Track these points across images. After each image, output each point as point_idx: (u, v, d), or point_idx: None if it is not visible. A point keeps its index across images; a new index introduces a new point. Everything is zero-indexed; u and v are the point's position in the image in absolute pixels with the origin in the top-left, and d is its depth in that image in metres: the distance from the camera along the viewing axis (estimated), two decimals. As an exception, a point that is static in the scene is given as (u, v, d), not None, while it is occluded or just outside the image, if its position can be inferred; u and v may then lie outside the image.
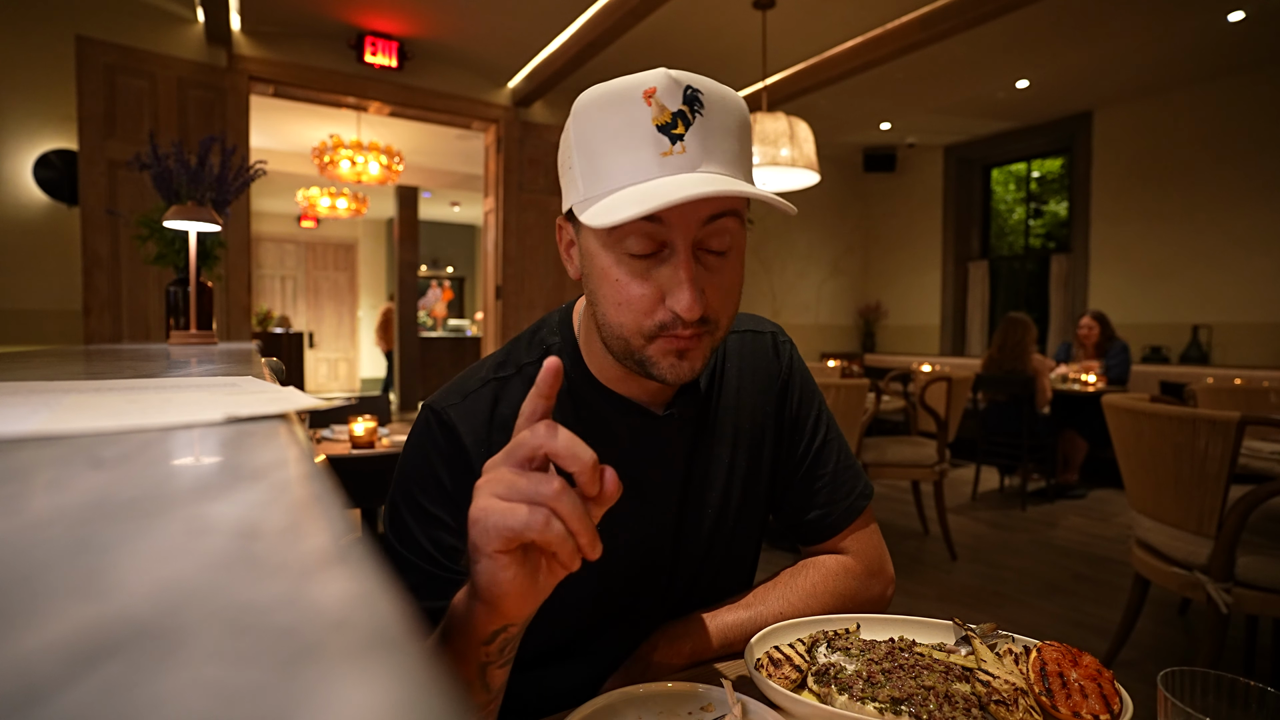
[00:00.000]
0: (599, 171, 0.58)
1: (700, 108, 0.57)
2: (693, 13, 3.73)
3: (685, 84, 0.56)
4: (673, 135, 0.56)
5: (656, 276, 0.59)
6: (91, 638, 0.11)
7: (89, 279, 3.34)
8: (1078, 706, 0.51)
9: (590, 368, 0.71)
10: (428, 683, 0.11)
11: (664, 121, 0.56)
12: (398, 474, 0.69)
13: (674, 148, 0.56)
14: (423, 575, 0.65)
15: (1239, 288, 4.72)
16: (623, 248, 0.59)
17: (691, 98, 0.56)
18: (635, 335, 0.61)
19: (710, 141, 0.57)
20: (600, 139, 0.58)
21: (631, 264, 0.59)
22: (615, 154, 0.57)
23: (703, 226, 0.58)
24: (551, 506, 0.43)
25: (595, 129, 0.58)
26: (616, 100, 0.57)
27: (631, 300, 0.60)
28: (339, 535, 0.17)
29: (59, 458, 0.26)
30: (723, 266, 0.61)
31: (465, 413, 0.68)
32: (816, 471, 0.79)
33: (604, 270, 0.60)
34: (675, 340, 0.60)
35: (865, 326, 7.26)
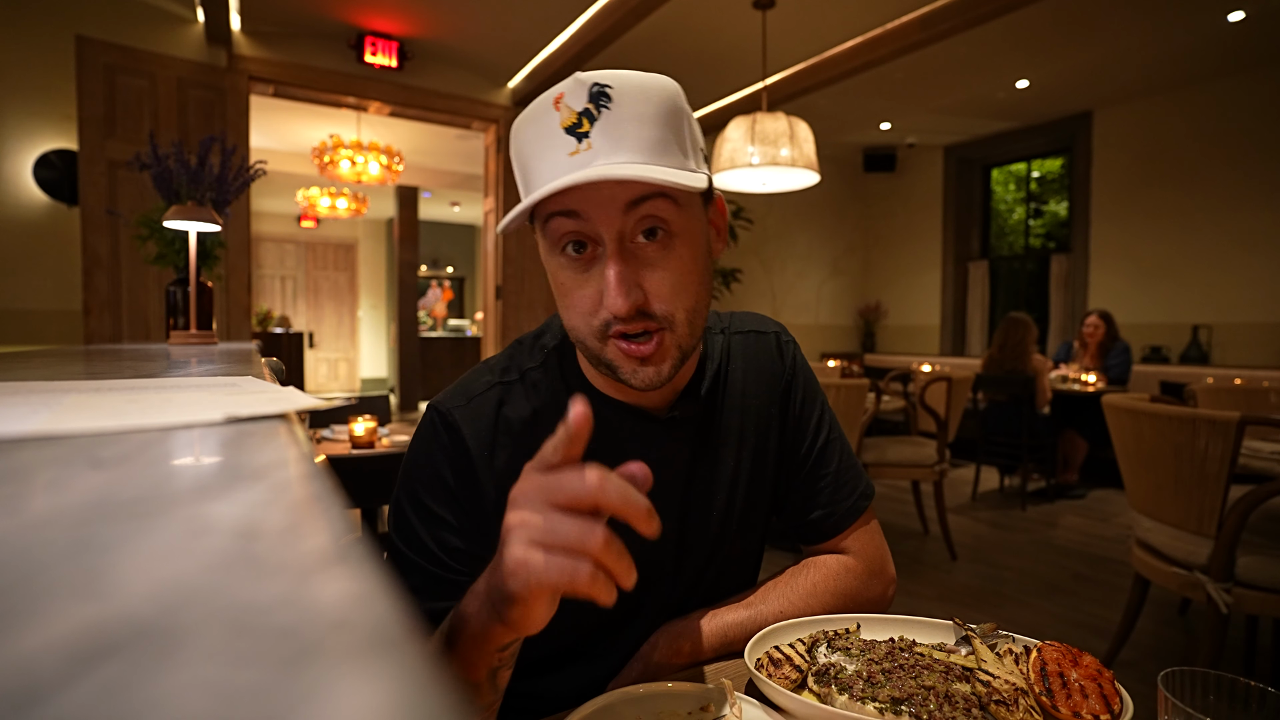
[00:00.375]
0: (530, 182, 0.60)
1: (607, 101, 0.56)
2: (693, 13, 3.73)
3: (591, 82, 0.57)
4: (579, 134, 0.56)
5: (592, 276, 0.60)
6: (91, 638, 0.11)
7: (89, 279, 3.34)
8: (1078, 706, 0.51)
9: (585, 372, 0.71)
10: (428, 683, 0.11)
11: (570, 123, 0.57)
12: (402, 474, 0.69)
13: (580, 145, 0.56)
14: (426, 576, 0.65)
15: (1239, 288, 4.72)
16: (561, 252, 0.60)
17: (597, 94, 0.56)
18: (590, 337, 0.62)
19: (618, 132, 0.56)
20: (525, 152, 0.60)
21: (572, 266, 0.60)
22: (536, 163, 0.58)
23: (625, 215, 0.57)
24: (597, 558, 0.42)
25: (521, 143, 0.60)
26: (534, 111, 0.59)
27: (575, 303, 0.61)
28: (339, 535, 0.17)
29: (59, 458, 0.26)
30: (663, 256, 0.59)
31: (469, 415, 0.68)
32: (819, 471, 0.79)
33: (552, 275, 0.63)
34: (627, 344, 0.60)
35: (865, 326, 7.26)
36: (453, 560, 0.65)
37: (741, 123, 3.35)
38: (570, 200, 0.58)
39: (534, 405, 0.70)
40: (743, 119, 3.36)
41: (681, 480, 0.72)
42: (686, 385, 0.72)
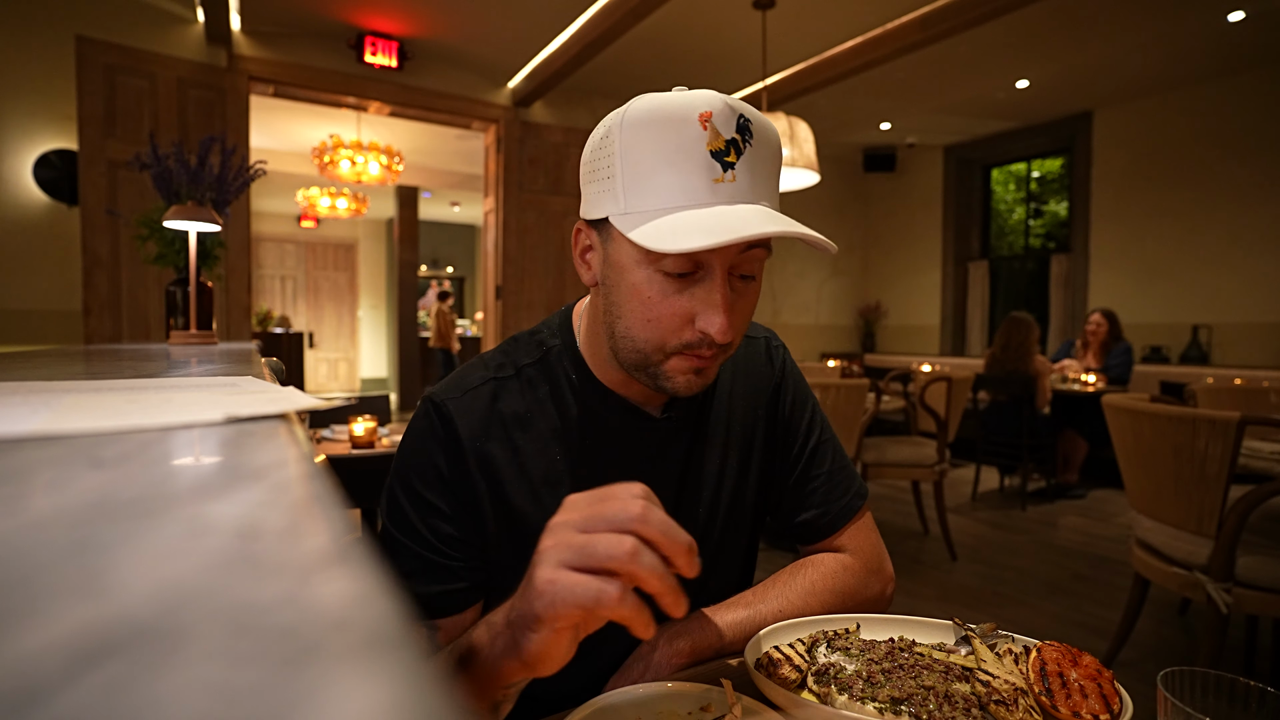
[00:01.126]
0: (645, 188, 0.57)
1: (750, 137, 0.57)
2: (693, 13, 3.73)
3: (739, 112, 0.57)
4: (725, 162, 0.56)
5: (689, 296, 0.60)
6: (91, 638, 0.11)
7: (89, 279, 3.34)
8: (1078, 706, 0.51)
9: (593, 369, 0.72)
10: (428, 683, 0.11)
11: (718, 148, 0.56)
12: (396, 462, 0.70)
13: (725, 175, 0.56)
14: (420, 561, 0.66)
15: (1239, 288, 4.72)
16: (659, 265, 0.59)
17: (743, 126, 0.57)
18: (657, 351, 0.62)
19: (757, 172, 0.58)
20: (649, 155, 0.57)
21: (665, 282, 0.59)
22: (665, 172, 0.57)
23: (740, 254, 0.60)
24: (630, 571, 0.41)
25: (645, 143, 0.57)
26: (671, 119, 0.57)
27: (662, 318, 0.60)
28: (339, 535, 0.17)
29: (59, 458, 0.26)
30: (748, 290, 0.62)
31: (464, 408, 0.69)
32: (811, 472, 0.80)
33: (635, 286, 0.61)
34: (695, 359, 0.62)
35: (865, 326, 7.26)
36: (445, 546, 0.67)
37: (741, 123, 3.34)
38: None
39: (528, 400, 0.71)
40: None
41: (674, 477, 0.74)
42: None
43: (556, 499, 0.69)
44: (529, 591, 0.44)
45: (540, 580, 0.43)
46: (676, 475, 0.74)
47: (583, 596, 0.41)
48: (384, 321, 10.06)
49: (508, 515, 0.68)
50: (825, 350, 6.94)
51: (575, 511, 0.44)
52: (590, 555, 0.42)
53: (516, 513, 0.68)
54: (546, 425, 0.71)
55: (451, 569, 0.67)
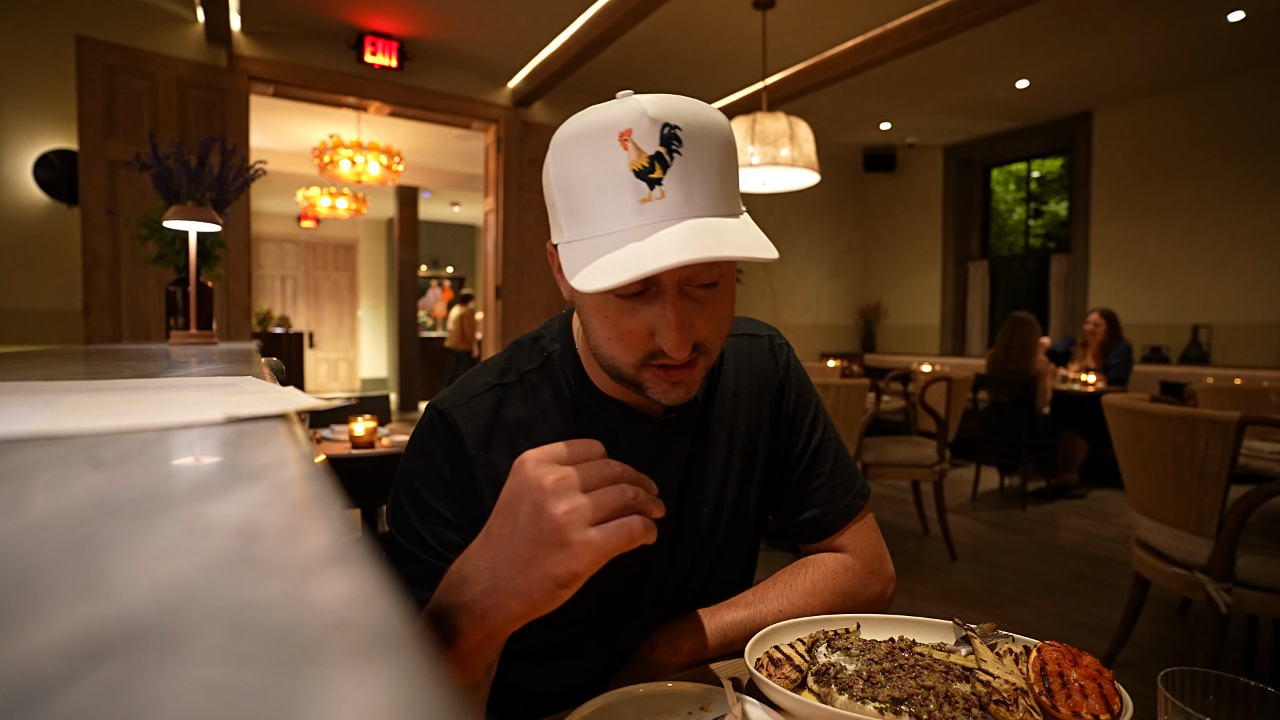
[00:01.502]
0: (577, 213, 0.57)
1: (679, 146, 0.54)
2: (693, 13, 3.73)
3: (662, 122, 0.54)
4: (650, 180, 0.54)
5: (645, 314, 0.59)
6: (91, 638, 0.11)
7: (89, 279, 3.34)
8: (1078, 706, 0.51)
9: (590, 375, 0.72)
10: (427, 683, 0.11)
11: (641, 166, 0.53)
12: (401, 470, 0.71)
13: (652, 194, 0.54)
14: (424, 568, 0.66)
15: (1239, 288, 4.72)
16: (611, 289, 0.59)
17: (669, 137, 0.54)
18: (627, 365, 0.62)
19: (691, 182, 0.54)
20: (577, 180, 0.56)
21: (619, 303, 0.59)
22: (593, 196, 0.55)
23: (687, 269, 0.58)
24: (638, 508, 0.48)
25: (572, 169, 0.56)
26: (592, 140, 0.55)
27: (622, 335, 0.60)
28: (339, 535, 0.17)
29: (59, 458, 0.26)
30: (712, 297, 0.60)
31: (468, 415, 0.69)
32: (813, 471, 0.80)
33: (596, 305, 0.61)
34: (666, 371, 0.62)
35: (865, 326, 7.26)
36: (450, 553, 0.66)
37: (741, 123, 3.35)
38: None
39: (531, 407, 0.71)
40: (743, 119, 3.36)
41: (677, 478, 0.73)
42: None
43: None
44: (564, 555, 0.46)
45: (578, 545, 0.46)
46: (679, 476, 0.73)
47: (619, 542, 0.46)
48: (384, 321, 10.06)
49: None
50: (825, 350, 6.94)
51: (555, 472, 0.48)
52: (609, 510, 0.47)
53: None
54: (550, 431, 0.71)
55: None
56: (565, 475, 0.48)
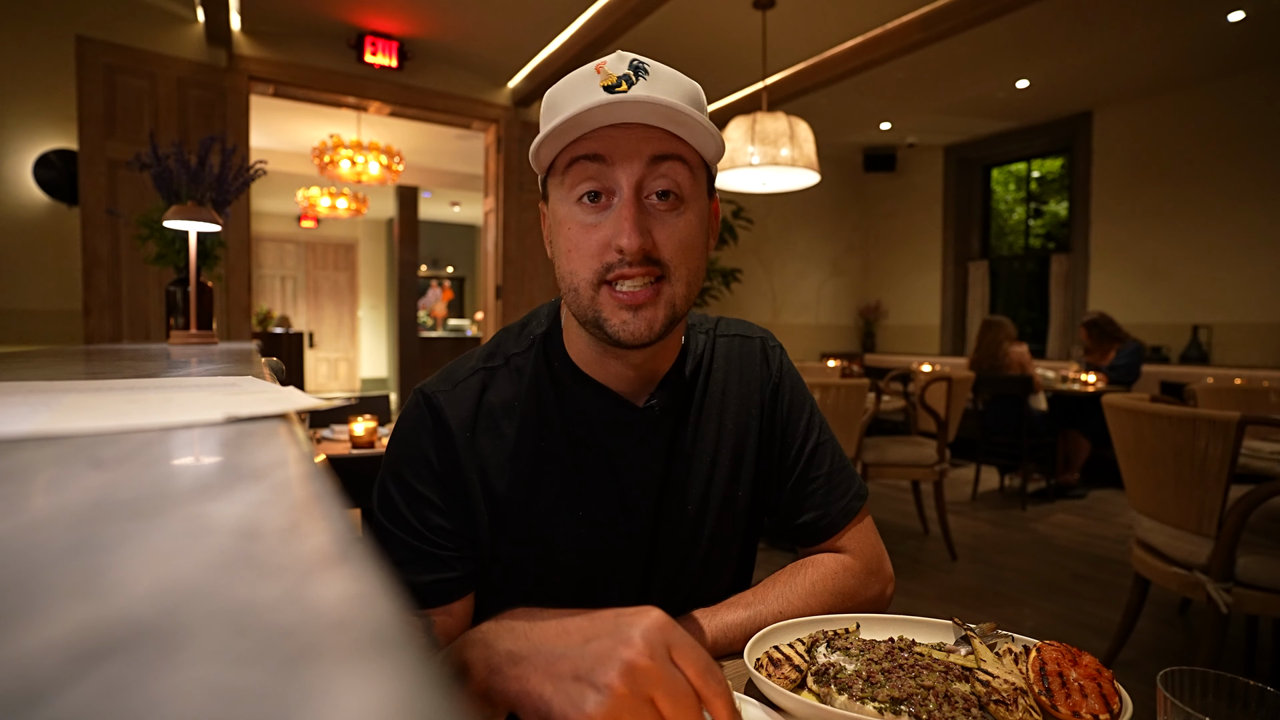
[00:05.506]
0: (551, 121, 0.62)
1: (645, 73, 0.62)
2: (693, 13, 3.73)
3: (631, 57, 0.62)
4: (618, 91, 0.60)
5: (604, 224, 0.63)
6: (91, 638, 0.11)
7: (89, 279, 3.34)
8: (1077, 706, 0.51)
9: (572, 356, 0.73)
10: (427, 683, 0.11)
11: (610, 83, 0.61)
12: (388, 455, 0.71)
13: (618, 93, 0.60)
14: (410, 551, 0.67)
15: (1239, 288, 4.72)
16: (575, 197, 0.64)
17: (637, 66, 0.62)
18: (586, 286, 0.64)
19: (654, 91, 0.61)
20: (559, 103, 0.63)
21: (584, 213, 0.63)
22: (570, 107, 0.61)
23: (646, 168, 0.62)
24: None
25: (555, 98, 0.64)
26: (573, 76, 0.63)
27: (581, 245, 0.63)
28: (339, 535, 0.17)
29: (59, 458, 0.26)
30: (673, 216, 0.64)
31: (453, 399, 0.70)
32: (810, 474, 0.80)
33: (561, 221, 0.65)
34: (624, 295, 0.63)
35: (865, 326, 7.26)
36: (436, 536, 0.68)
37: (741, 123, 3.35)
38: (598, 143, 0.61)
39: (517, 388, 0.72)
40: (743, 119, 3.35)
41: (658, 468, 0.74)
42: (664, 376, 0.74)
43: (543, 485, 0.70)
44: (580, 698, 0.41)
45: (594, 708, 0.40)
46: (661, 464, 0.74)
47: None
48: (384, 321, 10.05)
49: (495, 503, 0.69)
50: (825, 350, 6.93)
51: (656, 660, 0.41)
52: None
53: (504, 499, 0.69)
54: (533, 412, 0.71)
55: (443, 558, 0.68)
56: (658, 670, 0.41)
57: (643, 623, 0.43)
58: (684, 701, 0.41)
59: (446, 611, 0.68)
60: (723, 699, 0.42)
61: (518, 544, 0.70)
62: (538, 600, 0.51)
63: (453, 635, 0.68)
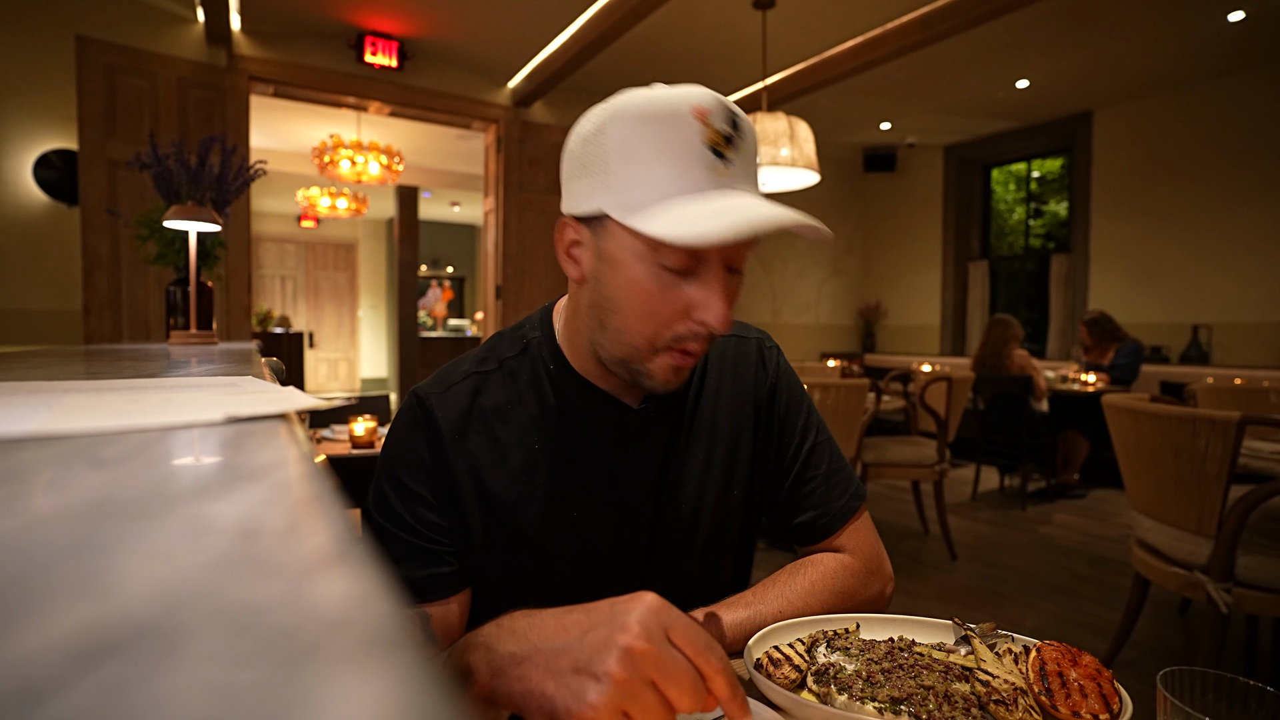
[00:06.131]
0: (643, 178, 0.58)
1: (739, 131, 0.60)
2: (693, 13, 3.73)
3: (728, 107, 0.60)
4: (722, 155, 0.59)
5: (686, 290, 0.61)
6: (91, 638, 0.11)
7: (89, 279, 3.34)
8: (1077, 706, 0.51)
9: (570, 359, 0.73)
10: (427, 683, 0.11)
11: (714, 142, 0.58)
12: (382, 456, 0.72)
13: (723, 166, 0.59)
14: (405, 547, 0.68)
15: (1239, 288, 4.72)
16: (658, 260, 0.60)
17: (734, 122, 0.60)
18: (647, 345, 0.63)
19: (746, 164, 0.61)
20: (647, 147, 0.58)
21: (665, 276, 0.61)
22: (664, 164, 0.58)
23: (737, 248, 0.62)
24: None
25: (642, 136, 0.58)
26: (666, 113, 0.58)
27: (660, 311, 0.62)
28: (339, 535, 0.17)
29: (59, 458, 0.26)
30: (735, 284, 0.65)
31: (445, 402, 0.71)
32: (807, 474, 0.81)
33: (634, 280, 0.61)
34: (681, 355, 0.64)
35: (865, 326, 7.26)
36: (430, 532, 0.68)
37: (741, 123, 3.34)
38: None
39: (509, 391, 0.73)
40: (743, 119, 3.35)
41: (655, 469, 0.74)
42: None
43: (535, 487, 0.70)
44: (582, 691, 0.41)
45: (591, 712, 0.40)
46: (657, 467, 0.74)
47: None
48: (384, 321, 10.05)
49: (489, 505, 0.69)
50: (825, 350, 6.93)
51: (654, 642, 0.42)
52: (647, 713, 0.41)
53: (497, 502, 0.69)
54: (526, 415, 0.72)
55: (438, 554, 0.68)
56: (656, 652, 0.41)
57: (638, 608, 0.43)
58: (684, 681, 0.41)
59: (443, 605, 0.68)
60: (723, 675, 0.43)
61: (513, 547, 0.70)
62: (535, 602, 0.52)
63: (450, 629, 0.68)
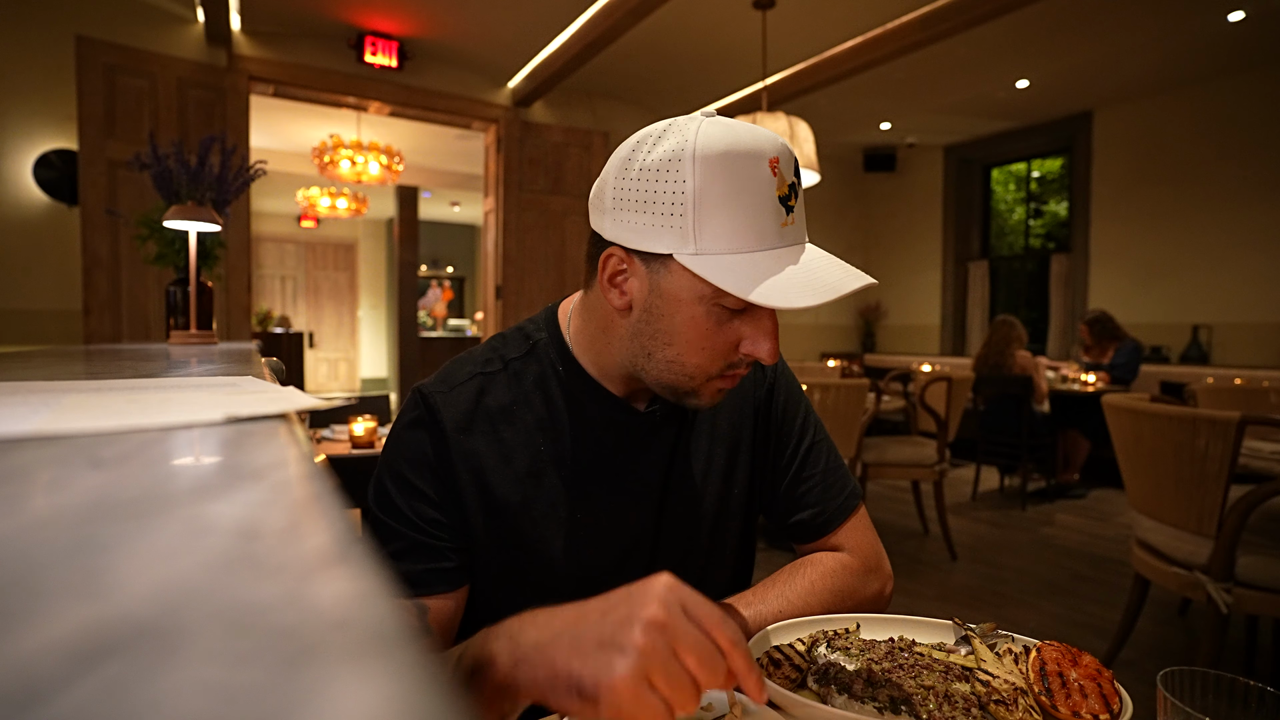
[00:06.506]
0: (719, 228, 0.60)
1: (799, 180, 0.64)
2: (693, 13, 3.73)
3: (793, 155, 0.63)
4: (788, 206, 0.62)
5: (738, 325, 0.65)
6: (91, 638, 0.11)
7: (89, 279, 3.34)
8: (1077, 706, 0.51)
9: (580, 361, 0.73)
10: (428, 683, 0.11)
11: (783, 194, 0.61)
12: (385, 450, 0.72)
13: (789, 219, 0.62)
14: (406, 542, 0.68)
15: (1239, 288, 4.72)
16: (718, 300, 0.63)
17: (797, 170, 0.63)
18: (701, 375, 0.66)
19: (800, 210, 0.64)
20: (727, 196, 0.60)
21: (722, 315, 0.64)
22: (740, 215, 0.60)
23: None
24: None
25: (721, 182, 0.59)
26: (745, 158, 0.60)
27: (715, 346, 0.65)
28: (339, 535, 0.17)
29: (59, 458, 0.26)
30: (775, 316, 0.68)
31: (450, 401, 0.71)
32: (805, 472, 0.81)
33: (692, 319, 0.64)
34: (729, 380, 0.67)
35: (865, 326, 7.26)
36: (431, 528, 0.69)
37: (741, 123, 3.34)
38: None
39: (514, 393, 0.73)
40: (743, 119, 3.35)
41: (660, 472, 0.75)
42: None
43: (540, 489, 0.70)
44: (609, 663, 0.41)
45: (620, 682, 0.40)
46: (663, 469, 0.75)
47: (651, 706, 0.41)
48: (384, 321, 10.05)
49: (492, 505, 0.70)
50: (825, 350, 6.93)
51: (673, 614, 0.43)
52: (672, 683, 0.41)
53: (500, 503, 0.69)
54: (532, 416, 0.72)
55: (438, 549, 0.68)
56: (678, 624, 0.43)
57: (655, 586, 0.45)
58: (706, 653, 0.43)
59: (441, 600, 0.68)
60: (740, 649, 0.44)
61: (515, 546, 0.70)
62: (538, 603, 0.52)
63: (447, 625, 0.68)
